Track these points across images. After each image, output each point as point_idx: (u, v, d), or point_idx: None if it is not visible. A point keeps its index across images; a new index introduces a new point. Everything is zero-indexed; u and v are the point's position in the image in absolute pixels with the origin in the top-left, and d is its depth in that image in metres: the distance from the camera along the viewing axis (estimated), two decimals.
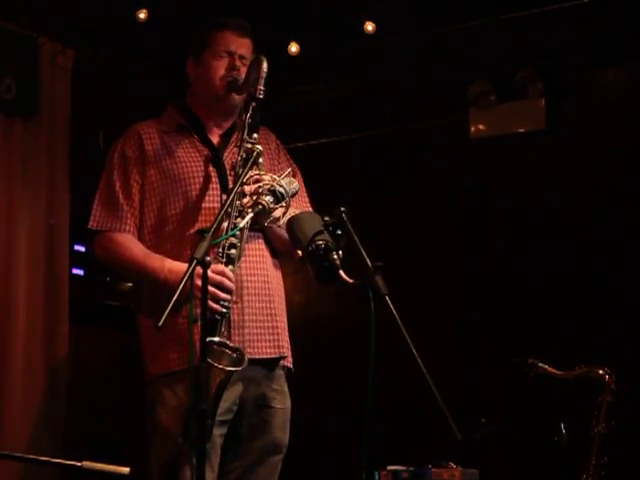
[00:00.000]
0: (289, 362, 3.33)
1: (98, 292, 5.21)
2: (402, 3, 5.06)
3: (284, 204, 3.05)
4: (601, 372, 3.98)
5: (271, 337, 3.24)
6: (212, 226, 2.72)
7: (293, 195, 3.11)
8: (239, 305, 3.16)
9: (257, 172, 3.13)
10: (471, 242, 5.36)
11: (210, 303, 2.88)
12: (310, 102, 5.65)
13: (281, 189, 3.04)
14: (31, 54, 4.78)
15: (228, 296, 3.04)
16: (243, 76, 3.27)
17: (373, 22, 5.09)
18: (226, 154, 3.31)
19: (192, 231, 3.18)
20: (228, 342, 2.96)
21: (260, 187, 3.06)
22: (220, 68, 3.31)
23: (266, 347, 3.22)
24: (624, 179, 4.99)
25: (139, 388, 3.34)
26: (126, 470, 2.68)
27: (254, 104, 3.20)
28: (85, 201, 3.41)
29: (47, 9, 4.83)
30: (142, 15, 4.95)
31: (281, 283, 3.39)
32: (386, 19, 5.09)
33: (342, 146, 5.65)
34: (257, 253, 3.26)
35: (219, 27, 3.35)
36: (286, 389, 3.32)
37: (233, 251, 3.07)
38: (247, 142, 3.15)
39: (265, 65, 3.19)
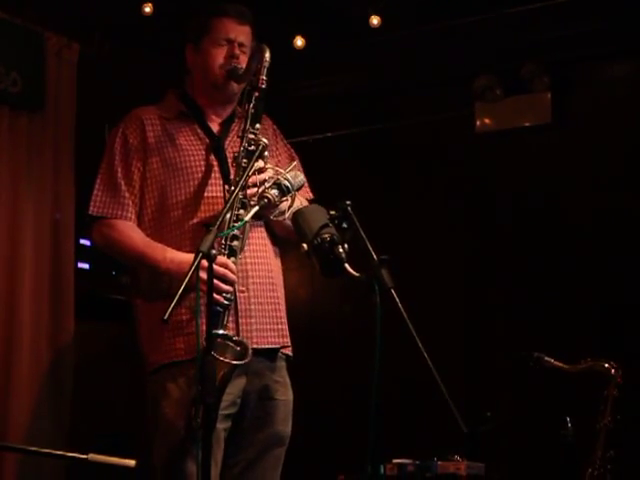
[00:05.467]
0: (289, 350, 3.31)
1: (104, 286, 5.22)
2: None
3: (289, 197, 3.04)
4: (607, 366, 3.98)
5: (276, 326, 3.24)
6: (218, 219, 2.72)
7: (299, 188, 3.11)
8: (246, 294, 3.16)
9: (262, 166, 3.12)
10: (475, 236, 5.36)
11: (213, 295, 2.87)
12: (315, 96, 5.65)
13: (287, 182, 3.03)
14: (37, 48, 4.78)
15: (230, 288, 3.04)
16: (242, 64, 3.25)
17: (378, 16, 5.08)
18: (227, 143, 3.29)
19: (194, 220, 3.17)
20: (232, 335, 2.96)
21: (266, 180, 3.06)
22: (219, 56, 3.28)
23: (272, 337, 3.22)
24: (630, 173, 4.98)
25: (145, 380, 3.34)
26: (132, 463, 2.69)
27: (257, 94, 3.18)
28: (91, 195, 3.39)
29: (53, 3, 4.83)
30: (147, 9, 4.96)
31: (281, 271, 3.38)
32: (391, 13, 5.08)
33: (347, 140, 5.65)
34: (260, 242, 3.25)
35: (218, 14, 3.31)
36: (288, 380, 3.31)
37: (235, 243, 3.06)
38: (250, 132, 3.14)
39: (268, 55, 3.18)
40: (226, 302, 3.02)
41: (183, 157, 3.25)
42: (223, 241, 3.05)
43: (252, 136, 3.13)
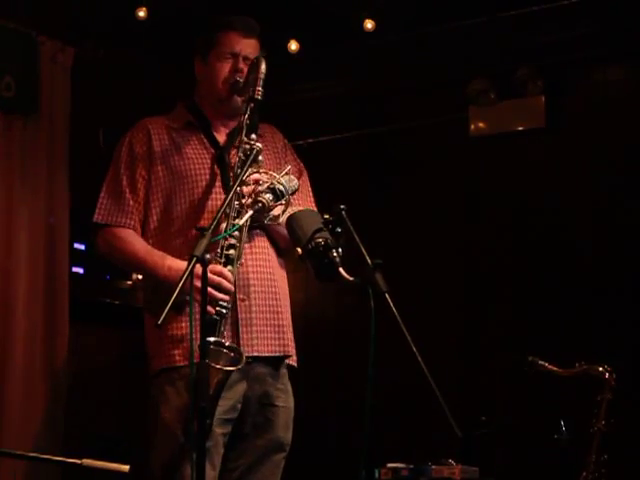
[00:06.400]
0: (293, 361, 3.32)
1: (98, 290, 5.22)
2: (402, 1, 5.07)
3: (283, 202, 3.05)
4: (601, 370, 3.98)
5: (276, 335, 3.23)
6: (211, 224, 2.72)
7: (293, 193, 3.10)
8: (246, 303, 3.16)
9: (256, 171, 3.13)
10: (470, 240, 5.36)
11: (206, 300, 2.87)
12: (309, 100, 5.65)
13: (280, 187, 3.03)
14: (31, 52, 4.78)
15: (226, 297, 3.03)
16: None
17: (373, 20, 5.09)
18: (232, 154, 3.30)
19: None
20: (225, 341, 2.95)
21: (259, 185, 3.07)
22: (224, 70, 3.30)
23: (272, 345, 3.21)
24: (624, 177, 4.98)
25: (139, 386, 3.34)
26: (126, 468, 2.69)
27: (252, 105, 3.19)
28: (85, 199, 3.40)
29: (47, 7, 4.83)
30: (142, 13, 4.96)
31: (286, 282, 3.38)
32: (386, 17, 5.10)
33: (342, 144, 5.65)
34: (263, 251, 3.25)
35: (224, 27, 3.33)
36: (290, 388, 3.31)
37: (232, 251, 3.06)
38: (245, 143, 3.15)
39: (264, 66, 3.19)
40: (223, 310, 3.02)
41: (188, 165, 3.27)
42: (219, 250, 3.05)
43: (247, 146, 3.14)
